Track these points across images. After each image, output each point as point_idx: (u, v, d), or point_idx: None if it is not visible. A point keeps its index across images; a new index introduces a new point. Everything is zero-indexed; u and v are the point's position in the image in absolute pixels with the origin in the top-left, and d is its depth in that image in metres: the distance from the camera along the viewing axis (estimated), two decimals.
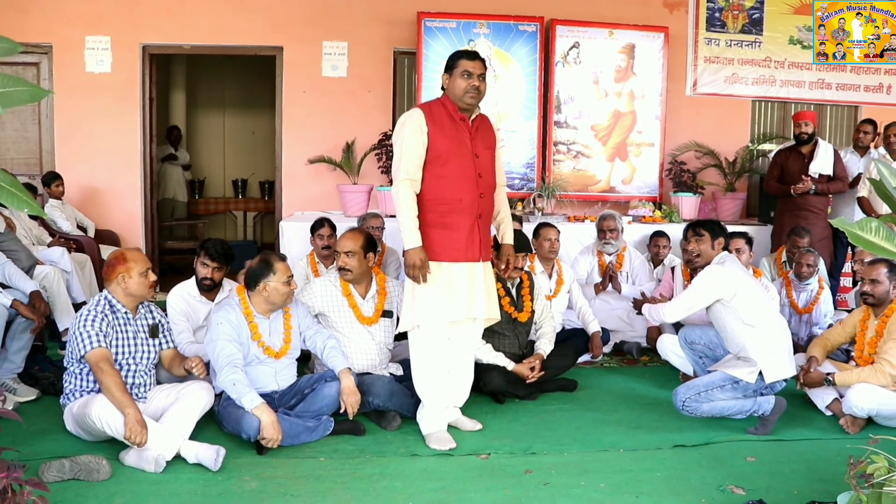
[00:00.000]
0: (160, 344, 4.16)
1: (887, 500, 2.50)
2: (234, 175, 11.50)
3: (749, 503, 3.18)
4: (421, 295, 4.01)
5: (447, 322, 4.05)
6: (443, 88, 4.14)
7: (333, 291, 4.59)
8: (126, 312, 3.96)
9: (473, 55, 4.09)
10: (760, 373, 4.35)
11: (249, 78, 10.84)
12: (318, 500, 3.40)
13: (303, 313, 4.42)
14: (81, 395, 3.88)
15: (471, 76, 4.00)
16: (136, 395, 3.94)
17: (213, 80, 11.31)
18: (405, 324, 4.09)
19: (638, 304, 5.04)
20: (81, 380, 3.91)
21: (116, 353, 3.89)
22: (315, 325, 4.42)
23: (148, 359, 4.03)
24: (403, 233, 3.98)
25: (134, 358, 3.96)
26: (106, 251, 7.36)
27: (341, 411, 4.11)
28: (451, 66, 4.09)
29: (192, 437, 3.82)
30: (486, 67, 4.12)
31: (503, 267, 4.46)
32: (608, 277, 6.12)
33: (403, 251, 4.08)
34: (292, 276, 4.23)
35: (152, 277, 4.02)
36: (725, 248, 4.68)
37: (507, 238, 4.40)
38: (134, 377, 3.96)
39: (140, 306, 4.07)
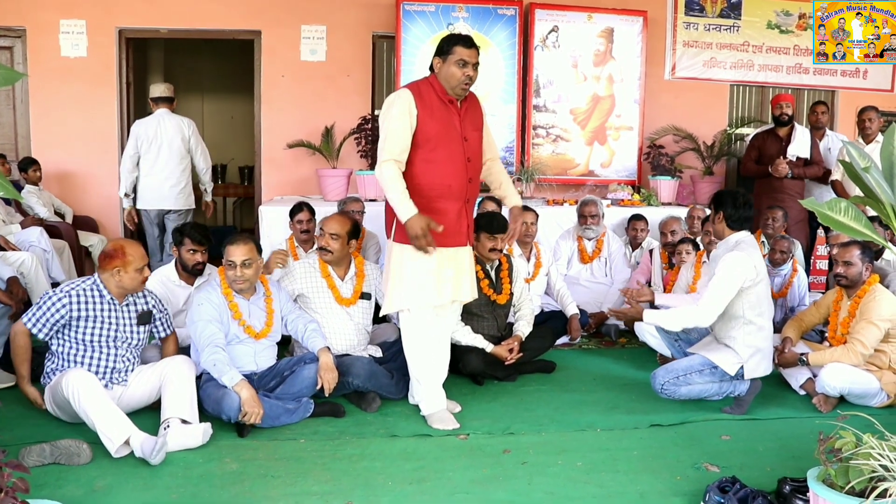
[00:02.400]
0: (152, 331, 4.21)
1: (854, 473, 2.55)
2: (214, 160, 11.33)
3: (723, 480, 3.23)
4: (409, 278, 4.01)
5: (435, 305, 4.07)
6: (431, 69, 4.05)
7: (313, 273, 4.61)
8: (112, 299, 3.97)
9: (470, 42, 3.98)
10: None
11: (227, 62, 10.75)
12: (299, 480, 3.42)
13: (285, 298, 4.44)
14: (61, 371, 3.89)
15: (466, 65, 3.94)
16: (116, 379, 3.96)
17: (191, 64, 11.21)
18: (391, 306, 4.09)
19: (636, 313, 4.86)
20: (62, 359, 3.93)
21: (94, 337, 3.91)
22: (297, 309, 4.45)
23: (131, 344, 4.03)
24: (397, 207, 3.88)
25: (115, 342, 3.96)
26: (84, 237, 7.34)
27: (318, 388, 4.14)
28: (445, 51, 3.97)
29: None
30: (478, 54, 4.05)
31: (512, 231, 4.36)
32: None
33: (399, 227, 4.00)
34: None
35: (146, 274, 4.03)
36: (743, 227, 4.38)
37: (515, 200, 4.35)
38: (115, 361, 3.96)
39: (131, 294, 4.07)
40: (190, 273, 4.78)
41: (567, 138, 7.93)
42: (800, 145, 6.92)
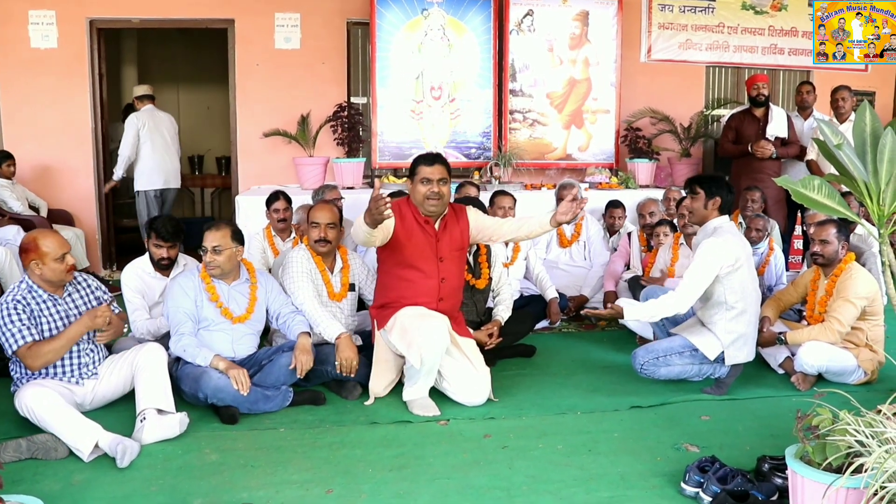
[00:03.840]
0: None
1: (831, 449, 2.57)
2: (190, 151, 11.24)
3: (702, 459, 3.24)
4: (411, 338, 4.02)
5: (446, 344, 4.10)
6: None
7: (310, 266, 4.54)
8: (50, 295, 3.81)
9: (432, 160, 4.14)
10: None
11: (202, 52, 10.60)
12: (279, 469, 3.40)
13: (275, 289, 4.42)
14: (29, 381, 3.76)
15: (430, 182, 4.07)
16: (85, 373, 3.88)
17: (166, 54, 11.07)
18: (415, 359, 4.02)
19: (611, 298, 4.85)
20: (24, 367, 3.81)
21: (46, 337, 3.74)
22: (289, 303, 4.42)
23: (91, 334, 3.90)
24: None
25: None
26: (59, 231, 7.23)
27: (298, 376, 4.12)
28: (412, 172, 4.19)
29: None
30: (448, 170, 4.16)
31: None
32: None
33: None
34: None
35: (70, 261, 3.79)
36: (725, 210, 4.39)
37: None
38: (79, 357, 3.86)
39: (69, 284, 3.91)
40: (156, 267, 4.72)
41: (544, 122, 7.91)
42: (777, 125, 6.96)
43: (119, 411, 3.96)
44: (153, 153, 7.56)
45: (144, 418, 3.69)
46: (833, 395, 2.84)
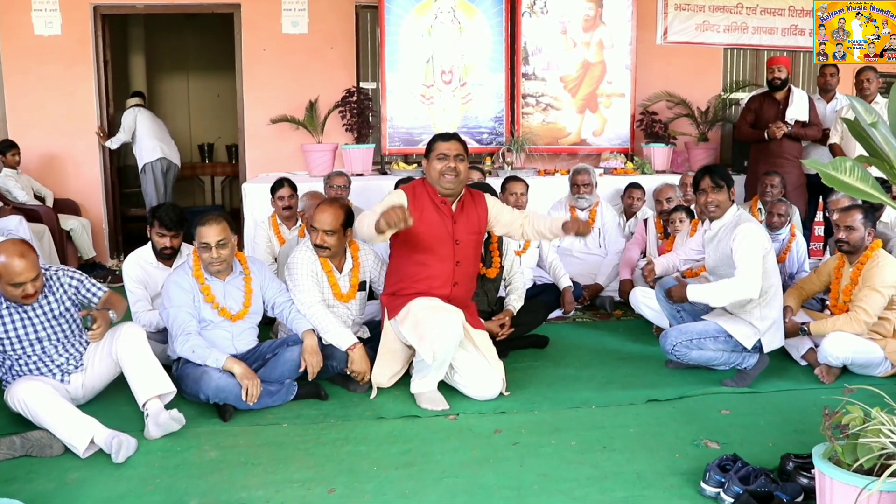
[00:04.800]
0: (84, 304, 3.85)
1: (862, 451, 2.40)
2: (201, 139, 11.19)
3: (723, 458, 3.08)
4: (423, 330, 3.88)
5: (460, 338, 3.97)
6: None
7: (313, 266, 4.30)
8: (14, 306, 3.60)
9: (449, 136, 4.07)
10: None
11: (212, 39, 10.45)
12: (280, 468, 3.28)
13: (268, 277, 4.26)
14: (14, 378, 3.65)
15: (446, 158, 3.97)
16: (68, 369, 3.74)
17: (175, 41, 10.95)
18: (427, 353, 3.86)
19: (627, 286, 4.89)
20: (5, 366, 3.70)
21: (22, 341, 3.61)
22: (284, 291, 4.25)
23: (69, 331, 3.75)
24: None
25: (49, 339, 3.68)
26: (65, 220, 7.17)
27: (301, 371, 4.00)
28: (428, 150, 4.08)
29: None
30: (465, 148, 4.07)
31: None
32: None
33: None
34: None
35: (28, 291, 3.49)
36: None
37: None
38: (59, 354, 3.72)
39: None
40: (160, 257, 4.59)
41: (557, 107, 7.73)
42: (798, 108, 6.74)
43: (120, 405, 3.85)
44: (150, 130, 8.00)
45: (147, 414, 3.57)
46: (861, 391, 2.68)
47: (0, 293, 3.58)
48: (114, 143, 7.76)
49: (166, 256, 4.58)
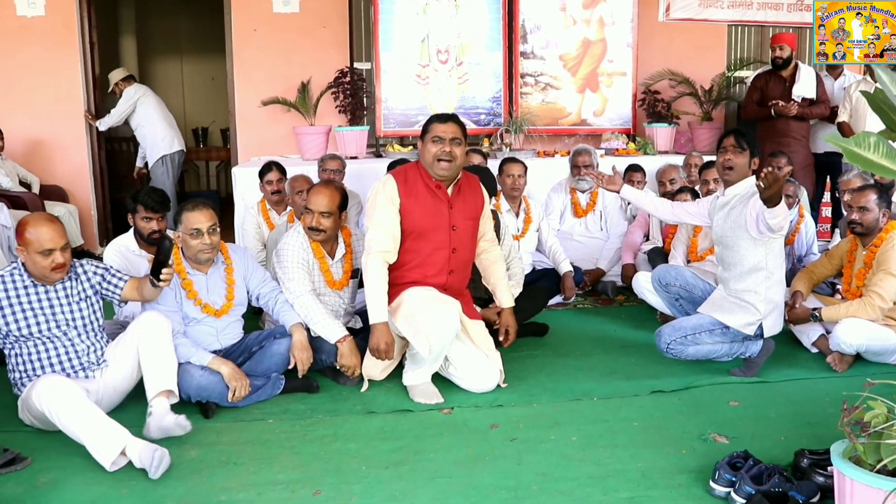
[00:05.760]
0: (106, 299, 3.67)
1: (886, 450, 2.21)
2: (195, 124, 10.98)
3: (734, 455, 2.89)
4: (418, 323, 3.69)
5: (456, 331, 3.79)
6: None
7: (304, 253, 4.10)
8: (34, 283, 3.42)
9: (447, 118, 3.85)
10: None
11: (206, 21, 10.22)
12: (263, 468, 3.11)
13: (251, 265, 4.06)
14: (30, 380, 3.42)
15: (441, 141, 3.75)
16: (90, 365, 3.50)
17: (167, 25, 10.74)
18: (422, 347, 3.69)
19: (629, 271, 4.79)
20: (23, 363, 3.46)
21: (31, 329, 3.40)
22: (269, 280, 4.06)
23: (92, 319, 3.55)
24: (370, 306, 3.76)
25: (59, 328, 3.45)
26: (52, 207, 6.97)
27: (290, 367, 3.82)
28: (423, 131, 3.88)
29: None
30: (462, 131, 3.84)
31: (495, 317, 4.25)
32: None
33: (370, 324, 3.79)
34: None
35: (58, 260, 3.34)
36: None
37: (504, 302, 4.16)
38: (81, 341, 3.49)
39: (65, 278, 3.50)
40: (147, 242, 4.39)
41: (557, 86, 7.51)
42: (805, 85, 6.56)
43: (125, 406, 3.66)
44: (162, 117, 7.69)
45: (151, 412, 3.36)
46: (881, 385, 2.48)
47: (21, 273, 3.41)
48: (102, 125, 7.47)
49: (151, 242, 4.38)
